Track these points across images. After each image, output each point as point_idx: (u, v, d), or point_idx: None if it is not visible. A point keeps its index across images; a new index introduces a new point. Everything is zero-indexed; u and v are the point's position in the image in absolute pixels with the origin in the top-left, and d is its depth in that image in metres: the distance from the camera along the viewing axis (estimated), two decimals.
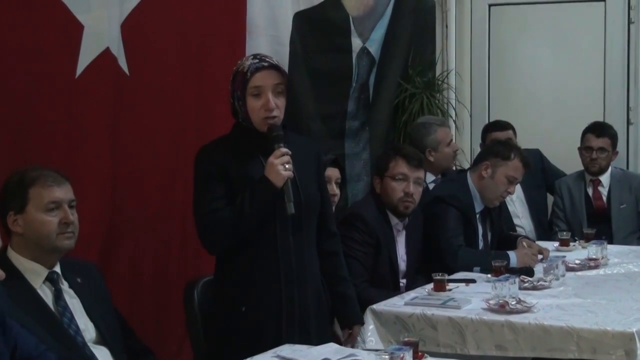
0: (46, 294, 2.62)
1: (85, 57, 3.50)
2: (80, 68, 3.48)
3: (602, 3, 6.08)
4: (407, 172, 3.85)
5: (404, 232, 3.97)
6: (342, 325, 3.27)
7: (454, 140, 5.97)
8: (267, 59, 3.00)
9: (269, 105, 2.92)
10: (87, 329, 2.66)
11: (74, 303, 2.66)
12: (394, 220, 3.92)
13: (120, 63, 3.67)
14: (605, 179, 5.26)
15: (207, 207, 2.93)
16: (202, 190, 2.97)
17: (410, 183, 3.84)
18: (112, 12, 3.63)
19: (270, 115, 2.93)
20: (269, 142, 2.93)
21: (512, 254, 4.02)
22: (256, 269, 2.96)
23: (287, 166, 2.89)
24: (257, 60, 2.97)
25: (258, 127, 2.96)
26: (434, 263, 3.91)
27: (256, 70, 2.93)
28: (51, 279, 2.64)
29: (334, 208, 3.78)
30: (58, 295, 2.63)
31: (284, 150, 2.91)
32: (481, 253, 4.14)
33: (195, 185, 3.01)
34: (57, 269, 2.68)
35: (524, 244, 4.19)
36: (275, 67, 2.97)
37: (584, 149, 5.26)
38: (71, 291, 2.68)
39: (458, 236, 4.11)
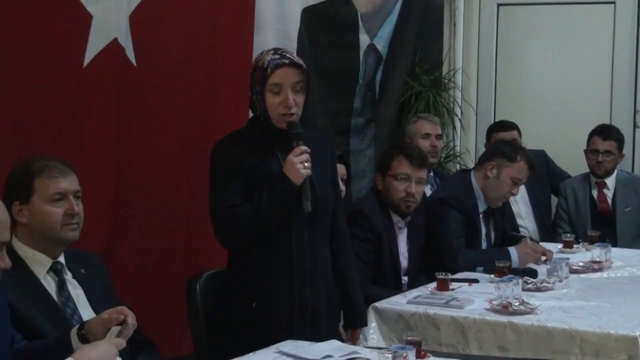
0: (50, 284, 2.61)
1: (93, 47, 3.49)
2: (88, 58, 3.48)
3: (612, 5, 6.07)
4: (410, 172, 3.84)
5: (405, 230, 3.97)
6: (347, 325, 3.27)
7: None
8: (287, 55, 2.96)
9: (287, 102, 2.90)
10: None
11: (77, 293, 2.66)
12: (395, 217, 3.92)
13: (128, 54, 3.66)
14: (610, 181, 5.26)
15: (224, 203, 2.92)
16: (219, 186, 2.95)
17: (412, 183, 3.83)
18: (121, 3, 3.62)
19: (289, 113, 2.91)
20: (288, 139, 2.92)
21: (512, 250, 4.03)
22: (270, 265, 2.95)
23: (306, 164, 2.88)
24: (277, 56, 2.93)
25: (276, 123, 2.95)
26: (435, 264, 3.90)
27: (276, 67, 2.90)
28: (55, 269, 2.63)
29: None
30: (61, 286, 2.62)
31: (304, 148, 2.89)
32: (482, 253, 4.13)
33: (212, 180, 2.99)
34: (61, 259, 2.67)
35: (528, 242, 4.20)
36: (296, 65, 2.94)
37: (590, 151, 5.25)
38: (75, 282, 2.68)
39: (458, 239, 4.10)
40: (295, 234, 2.94)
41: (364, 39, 5.41)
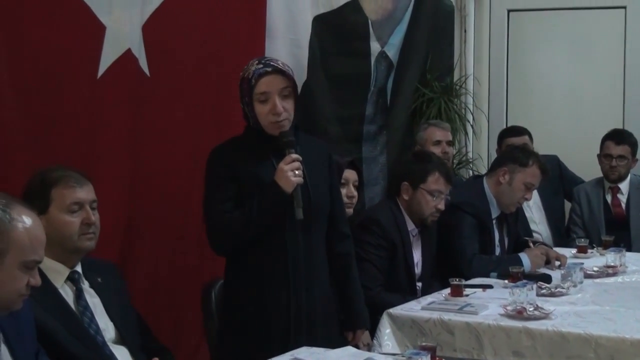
0: (67, 294, 2.63)
1: (107, 58, 3.52)
2: (102, 69, 3.50)
3: (623, 10, 6.07)
4: (444, 189, 3.89)
5: (419, 237, 3.98)
6: (346, 327, 3.24)
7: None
8: (271, 63, 2.98)
9: (276, 109, 2.93)
10: (107, 328, 2.68)
11: (94, 302, 2.68)
12: (410, 225, 3.92)
13: (141, 64, 3.69)
14: (624, 186, 5.25)
15: (216, 209, 2.96)
16: (212, 192, 2.99)
17: (442, 200, 3.86)
18: (134, 14, 3.65)
19: (279, 119, 2.94)
20: (280, 147, 2.95)
21: (523, 256, 4.06)
22: (265, 270, 2.98)
23: (297, 172, 2.90)
24: (261, 66, 2.96)
25: (268, 131, 2.98)
26: (449, 270, 3.91)
27: (260, 77, 2.93)
28: (72, 279, 2.66)
29: (351, 211, 3.79)
30: (79, 295, 2.65)
31: (295, 156, 2.92)
32: (495, 259, 4.14)
33: (206, 186, 3.03)
34: (79, 268, 2.70)
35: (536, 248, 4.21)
36: (280, 72, 2.96)
37: (604, 156, 5.25)
38: (92, 291, 2.70)
39: (472, 244, 4.11)
40: (290, 239, 2.96)
41: (374, 47, 5.41)
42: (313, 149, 3.09)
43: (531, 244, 4.24)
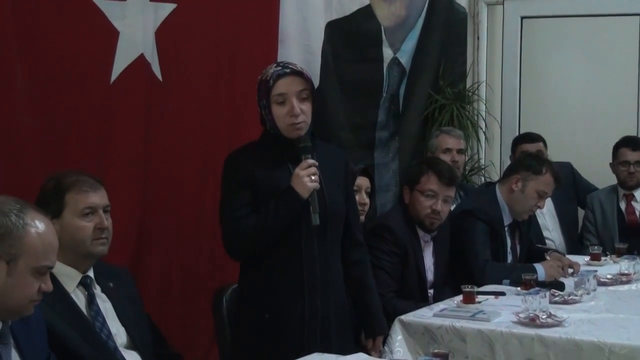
0: (79, 298, 2.64)
1: (120, 62, 3.54)
2: (115, 74, 3.52)
3: (637, 17, 6.04)
4: (437, 189, 3.83)
5: (431, 243, 3.96)
6: (366, 335, 3.26)
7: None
8: (290, 66, 2.99)
9: (294, 111, 2.92)
10: (119, 333, 2.68)
11: (106, 307, 2.68)
12: (421, 231, 3.91)
13: (154, 69, 3.71)
14: (638, 194, 5.23)
15: (232, 215, 2.95)
16: (228, 197, 2.99)
17: (439, 201, 3.82)
18: (147, 19, 3.67)
19: (297, 121, 2.93)
20: (296, 152, 2.94)
21: (539, 267, 4.01)
22: (280, 277, 2.97)
23: (313, 177, 2.90)
24: (279, 68, 2.97)
25: (285, 134, 2.97)
26: (461, 276, 3.89)
27: (278, 78, 2.93)
28: (84, 284, 2.66)
29: (363, 217, 3.78)
30: (91, 300, 2.65)
31: (311, 161, 2.92)
32: (508, 267, 4.12)
33: (222, 191, 3.03)
34: (91, 273, 2.70)
35: (550, 256, 4.18)
36: (298, 73, 2.96)
37: (620, 163, 5.22)
38: (103, 295, 2.71)
39: (485, 250, 4.09)
40: (306, 245, 2.96)
41: (387, 53, 5.42)
42: (329, 155, 3.09)
43: (547, 257, 4.19)
